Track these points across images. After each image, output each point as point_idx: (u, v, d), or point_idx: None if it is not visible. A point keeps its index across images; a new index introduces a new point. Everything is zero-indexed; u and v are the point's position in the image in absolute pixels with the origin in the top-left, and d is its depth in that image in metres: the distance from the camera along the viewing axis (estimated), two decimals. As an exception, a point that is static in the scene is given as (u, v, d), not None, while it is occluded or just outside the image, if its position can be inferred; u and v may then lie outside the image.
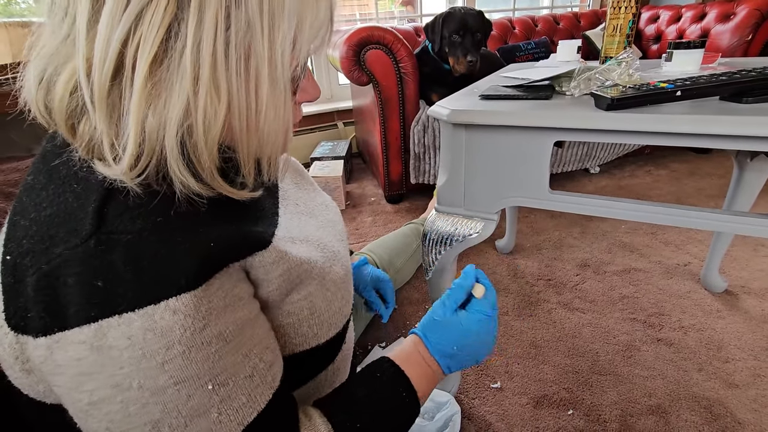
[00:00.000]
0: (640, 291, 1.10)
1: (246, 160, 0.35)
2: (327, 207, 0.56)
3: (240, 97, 0.31)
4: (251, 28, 0.30)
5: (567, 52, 0.92)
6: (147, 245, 0.29)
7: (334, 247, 0.47)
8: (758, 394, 0.79)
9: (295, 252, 0.40)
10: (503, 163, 0.57)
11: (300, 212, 0.49)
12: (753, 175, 0.92)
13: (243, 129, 0.33)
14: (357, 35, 1.39)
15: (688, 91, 0.46)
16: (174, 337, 0.29)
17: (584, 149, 1.66)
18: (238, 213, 0.38)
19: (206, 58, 0.29)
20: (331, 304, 0.44)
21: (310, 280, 0.41)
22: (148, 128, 0.30)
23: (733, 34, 1.76)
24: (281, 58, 0.32)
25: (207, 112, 0.30)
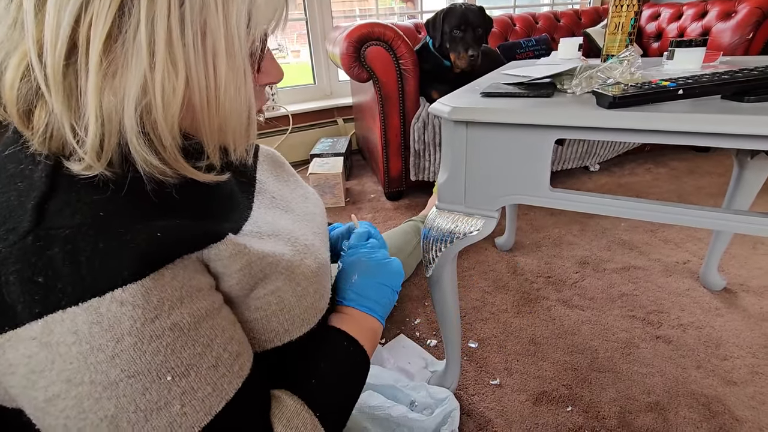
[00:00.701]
0: (640, 288, 1.10)
1: (209, 140, 0.35)
2: (307, 199, 0.56)
3: (198, 72, 0.31)
4: (206, 4, 0.30)
5: (568, 50, 0.92)
6: (85, 239, 0.28)
7: (307, 241, 0.46)
8: (756, 392, 0.79)
9: (258, 246, 0.39)
10: (504, 160, 0.57)
11: (276, 206, 0.49)
12: (753, 174, 0.92)
13: (204, 106, 0.33)
14: (357, 31, 1.39)
15: (690, 90, 0.46)
16: (123, 329, 0.28)
17: (584, 147, 1.66)
18: (200, 206, 0.38)
19: (161, 34, 0.29)
20: (302, 299, 0.43)
21: (277, 274, 0.40)
22: (105, 107, 0.29)
23: (734, 32, 1.76)
24: (237, 32, 0.32)
25: (165, 88, 0.30)
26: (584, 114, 0.48)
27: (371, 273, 0.54)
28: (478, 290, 1.13)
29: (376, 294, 0.53)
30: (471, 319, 1.03)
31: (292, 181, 0.58)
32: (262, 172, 0.53)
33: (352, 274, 0.54)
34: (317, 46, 2.25)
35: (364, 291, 0.53)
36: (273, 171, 0.55)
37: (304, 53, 2.34)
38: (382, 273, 0.55)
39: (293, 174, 0.60)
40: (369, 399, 0.70)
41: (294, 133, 2.20)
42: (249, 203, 0.46)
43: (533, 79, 0.64)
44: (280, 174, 0.56)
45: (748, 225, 0.46)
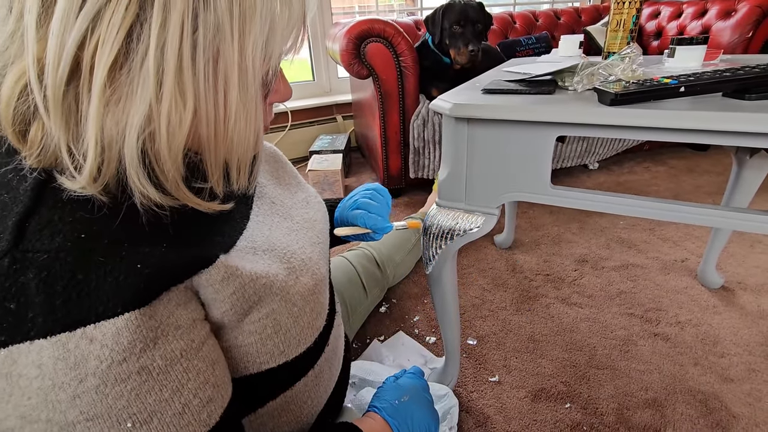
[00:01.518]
0: (638, 286, 1.10)
1: (213, 168, 0.34)
2: (308, 204, 0.53)
3: (208, 102, 0.30)
4: (220, 31, 0.28)
5: (569, 48, 0.92)
6: (63, 266, 0.26)
7: (304, 255, 0.44)
8: (753, 389, 0.80)
9: (251, 267, 0.37)
10: (505, 157, 0.57)
11: (275, 212, 0.47)
12: (752, 173, 0.92)
13: (210, 136, 0.32)
14: (357, 28, 1.38)
15: (691, 87, 0.46)
16: (88, 368, 0.26)
17: (584, 145, 1.66)
18: (191, 227, 0.35)
19: (171, 62, 0.27)
20: (299, 319, 0.41)
21: (272, 296, 0.38)
22: (106, 134, 0.28)
23: (733, 31, 1.76)
24: (252, 62, 0.31)
25: (171, 119, 0.29)
26: (586, 111, 0.48)
27: (423, 404, 0.54)
28: (477, 288, 1.13)
29: (418, 425, 0.51)
30: (470, 317, 1.03)
31: (294, 183, 0.56)
32: (263, 173, 0.52)
33: (405, 394, 0.53)
34: (316, 43, 2.24)
35: (408, 416, 0.51)
36: (274, 172, 0.54)
37: (303, 50, 2.32)
38: (431, 412, 0.55)
39: (295, 175, 0.58)
40: (367, 395, 0.70)
41: (293, 130, 2.19)
42: (247, 211, 0.44)
43: (534, 76, 0.64)
44: (282, 176, 0.55)
45: (747, 222, 0.47)
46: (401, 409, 0.51)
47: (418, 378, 0.58)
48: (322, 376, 0.50)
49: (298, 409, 0.47)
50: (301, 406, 0.47)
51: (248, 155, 0.35)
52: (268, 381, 0.42)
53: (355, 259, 1.01)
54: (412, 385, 0.55)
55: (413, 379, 0.57)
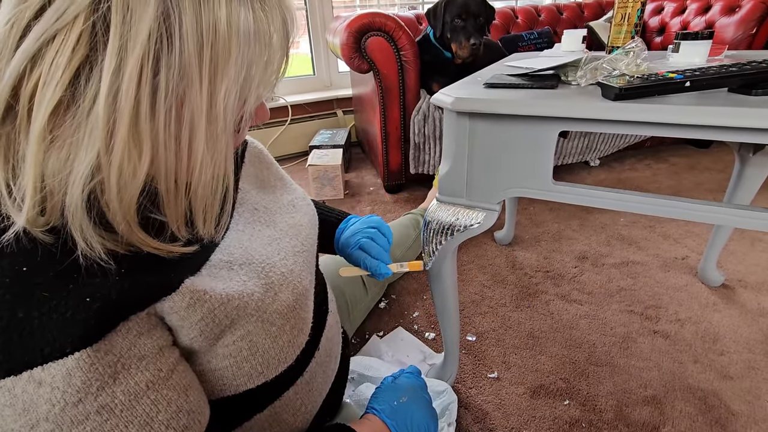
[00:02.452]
0: (638, 283, 1.10)
1: (173, 218, 0.31)
2: (294, 207, 0.51)
3: (168, 153, 0.27)
4: (186, 76, 0.25)
5: (572, 42, 0.91)
6: (3, 305, 0.24)
7: (285, 267, 0.41)
8: (752, 386, 0.80)
9: (223, 287, 0.34)
10: (507, 152, 0.56)
11: (256, 220, 0.44)
12: (754, 170, 0.91)
13: (170, 188, 0.29)
14: (358, 21, 1.37)
15: (697, 82, 0.46)
16: (39, 413, 0.25)
17: (585, 142, 1.66)
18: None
19: (125, 110, 0.24)
20: (278, 339, 0.39)
21: (246, 318, 0.36)
22: (48, 181, 0.25)
23: (737, 27, 1.75)
24: (224, 110, 0.28)
25: (123, 170, 0.25)
26: (589, 106, 0.47)
27: (421, 404, 0.53)
28: (476, 284, 1.13)
29: (417, 426, 0.51)
30: (469, 313, 1.03)
31: (279, 186, 0.53)
32: (246, 177, 0.49)
33: (403, 395, 0.52)
34: (317, 37, 2.22)
35: (407, 417, 0.50)
36: (258, 174, 0.51)
37: (303, 44, 2.31)
38: (430, 412, 0.54)
39: (281, 177, 0.55)
40: (366, 391, 0.70)
41: (293, 125, 2.18)
42: (227, 222, 0.41)
43: (537, 71, 0.63)
44: (266, 178, 0.51)
45: (749, 220, 0.46)
46: (400, 410, 0.50)
47: (416, 377, 0.58)
48: (315, 380, 0.49)
49: (291, 417, 0.46)
50: (294, 414, 0.46)
51: (215, 204, 0.32)
52: (248, 401, 0.40)
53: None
54: (410, 385, 0.55)
55: (411, 378, 0.56)
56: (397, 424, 0.49)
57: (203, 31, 0.25)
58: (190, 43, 0.25)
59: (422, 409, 0.53)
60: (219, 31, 0.26)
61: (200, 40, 0.25)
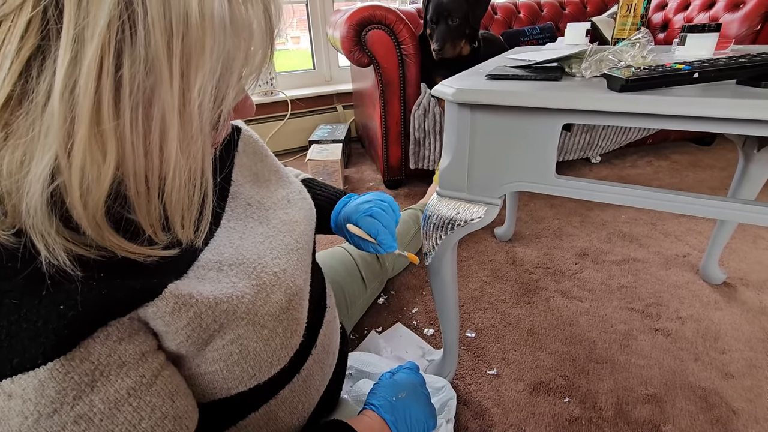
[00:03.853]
0: (639, 281, 1.09)
1: (147, 225, 0.28)
2: (289, 203, 0.48)
3: (137, 156, 0.24)
4: (154, 70, 0.23)
5: (575, 36, 0.89)
6: None
7: (277, 267, 0.40)
8: (753, 385, 0.79)
9: (211, 290, 0.33)
10: (509, 145, 0.55)
11: (249, 216, 0.43)
12: (758, 167, 0.90)
13: (141, 192, 0.26)
14: (359, 14, 1.35)
15: (706, 73, 0.44)
16: (11, 426, 0.23)
17: (586, 138, 1.64)
18: None
19: (84, 106, 0.22)
20: (269, 341, 0.38)
21: (236, 321, 0.34)
22: (4, 184, 0.23)
23: (741, 23, 1.73)
24: (198, 108, 0.25)
25: (86, 173, 0.23)
26: (594, 97, 0.46)
27: (420, 400, 0.52)
28: (476, 280, 1.12)
29: (415, 422, 0.50)
30: (469, 309, 1.02)
31: (274, 179, 0.50)
32: (240, 168, 0.46)
33: (401, 391, 0.51)
34: (317, 31, 2.20)
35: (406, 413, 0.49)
36: (252, 167, 0.48)
37: (304, 39, 2.29)
38: (428, 408, 0.53)
39: (276, 169, 0.52)
40: (364, 387, 0.69)
41: (292, 119, 2.17)
42: (217, 216, 0.40)
43: (541, 62, 0.62)
44: (261, 171, 0.49)
45: (754, 215, 0.45)
46: (398, 406, 0.50)
47: (414, 373, 0.57)
48: (313, 378, 0.48)
49: (288, 415, 0.45)
50: (290, 412, 0.45)
51: (192, 209, 0.29)
52: (241, 402, 0.39)
53: (354, 251, 0.99)
54: (408, 381, 0.54)
55: (409, 374, 0.56)
56: (396, 420, 0.48)
57: (172, 20, 0.23)
58: (156, 33, 0.22)
59: (421, 405, 0.52)
60: (190, 20, 0.23)
61: (169, 29, 0.23)
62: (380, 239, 0.57)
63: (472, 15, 1.40)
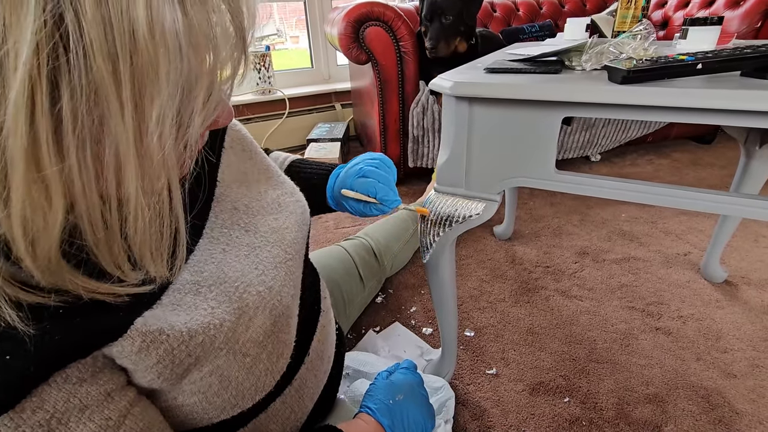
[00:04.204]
0: (640, 280, 1.08)
1: (112, 269, 0.25)
2: (279, 206, 0.45)
3: (90, 199, 0.22)
4: (100, 101, 0.20)
5: (575, 31, 0.88)
6: None
7: (263, 285, 0.37)
8: (756, 385, 0.78)
9: (186, 320, 0.30)
10: (508, 140, 0.54)
11: (235, 223, 0.39)
12: (760, 164, 0.89)
13: (99, 238, 0.23)
14: (356, 11, 1.34)
15: (709, 64, 0.43)
16: None
17: (586, 136, 1.63)
18: None
19: (16, 150, 0.19)
20: (253, 368, 0.35)
21: (214, 352, 0.32)
22: None
23: (742, 20, 1.72)
24: (159, 141, 0.22)
25: (29, 223, 0.21)
26: (595, 89, 0.45)
27: (418, 402, 0.51)
28: (475, 279, 1.11)
29: (414, 424, 0.48)
30: (468, 308, 1.01)
31: (264, 179, 0.46)
32: (227, 167, 0.42)
33: (399, 393, 0.50)
34: (315, 29, 2.19)
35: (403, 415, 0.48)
36: (241, 165, 0.44)
37: (303, 39, 2.28)
38: (426, 409, 0.52)
39: (266, 168, 0.48)
40: (361, 387, 0.68)
41: (290, 118, 2.15)
42: (201, 223, 0.36)
43: (540, 55, 0.61)
44: (250, 169, 0.45)
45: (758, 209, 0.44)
46: (395, 409, 0.48)
47: (412, 373, 0.55)
48: (306, 386, 0.46)
49: (279, 426, 0.43)
50: (282, 423, 0.43)
51: (163, 247, 0.26)
52: (225, 427, 0.36)
53: (352, 250, 0.98)
54: (406, 382, 0.52)
55: (407, 374, 0.54)
56: (392, 424, 0.47)
57: (116, 41, 0.19)
58: (98, 58, 0.19)
59: (418, 407, 0.51)
60: (138, 40, 0.20)
61: (113, 52, 0.19)
62: (380, 197, 0.53)
63: (466, 12, 1.38)
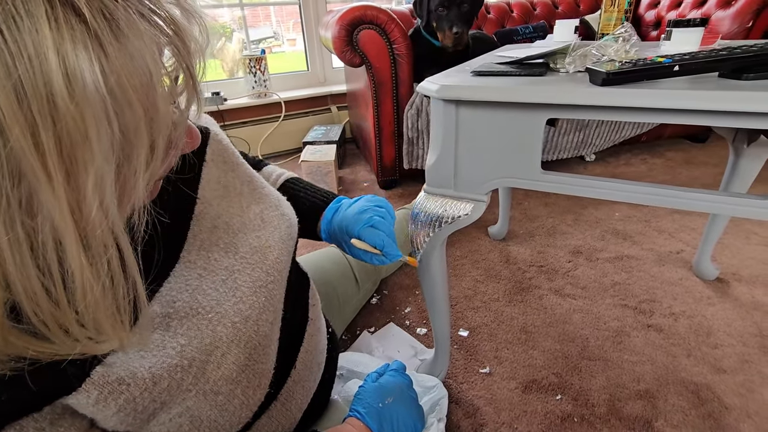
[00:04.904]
0: (632, 278, 1.09)
1: (66, 350, 0.23)
2: (263, 222, 0.43)
3: (27, 276, 0.20)
4: (25, 174, 0.18)
5: (564, 33, 0.90)
6: None
7: (239, 315, 0.35)
8: (745, 380, 0.79)
9: (149, 365, 0.28)
10: (494, 141, 0.55)
11: (215, 243, 0.37)
12: (748, 162, 0.90)
13: (46, 316, 0.21)
14: (350, 14, 1.35)
15: (686, 66, 0.44)
16: None
17: (580, 136, 1.64)
18: None
19: None
20: (227, 406, 0.33)
21: (182, 394, 0.30)
22: None
23: (733, 20, 1.73)
24: (100, 209, 0.20)
25: None
26: (576, 91, 0.46)
27: (407, 405, 0.51)
28: (469, 279, 1.12)
29: (403, 427, 0.49)
30: (462, 308, 1.01)
31: (247, 192, 0.44)
32: (208, 182, 0.39)
33: (388, 396, 0.50)
34: (310, 32, 2.20)
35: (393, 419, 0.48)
36: (222, 178, 0.42)
37: (300, 42, 2.29)
38: (416, 412, 0.52)
39: (249, 180, 0.45)
40: (355, 387, 0.68)
41: (286, 121, 2.16)
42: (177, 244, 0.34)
43: (526, 58, 0.62)
44: (232, 182, 0.42)
45: (744, 207, 0.45)
46: (385, 413, 0.49)
47: (401, 375, 0.56)
48: (293, 399, 0.46)
49: None
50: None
51: (124, 312, 0.24)
52: None
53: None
54: (395, 385, 0.53)
55: (396, 377, 0.54)
56: (381, 427, 0.47)
57: (32, 107, 0.17)
58: (14, 128, 0.17)
59: (408, 410, 0.52)
60: (57, 103, 0.17)
61: (30, 119, 0.17)
62: (386, 251, 0.55)
63: (477, 3, 1.43)
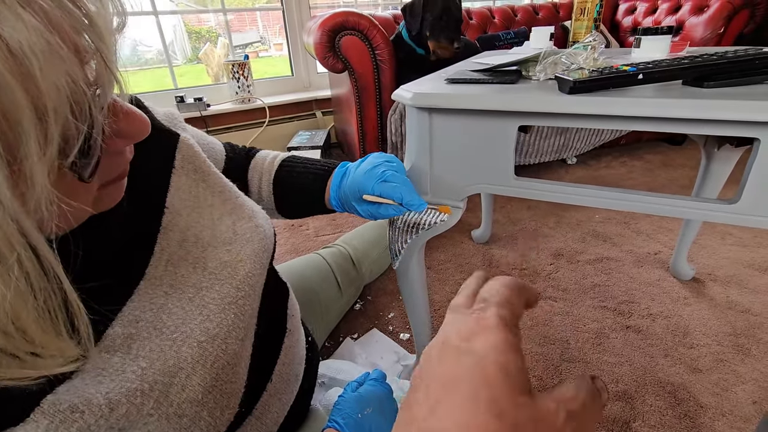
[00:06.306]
0: (612, 279, 1.11)
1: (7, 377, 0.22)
2: (235, 234, 0.41)
3: None
4: None
5: (540, 39, 0.91)
6: None
7: (205, 335, 0.34)
8: (720, 378, 0.81)
9: (106, 391, 0.27)
10: (468, 148, 0.55)
11: (181, 258, 0.36)
12: (719, 165, 0.93)
13: None
14: (331, 20, 1.36)
15: (649, 75, 0.46)
16: None
17: (561, 140, 1.67)
18: None
19: None
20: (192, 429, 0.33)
21: (143, 419, 0.29)
22: None
23: (706, 26, 1.79)
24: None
25: None
26: (545, 99, 0.46)
27: (386, 415, 0.50)
28: (453, 283, 1.12)
29: None
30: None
31: (218, 203, 0.42)
32: (177, 192, 0.38)
33: (367, 406, 0.49)
34: (294, 37, 2.20)
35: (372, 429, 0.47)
36: (193, 189, 0.40)
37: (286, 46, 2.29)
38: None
39: (221, 189, 0.43)
40: (335, 396, 0.68)
41: (271, 126, 2.15)
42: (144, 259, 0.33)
43: (498, 66, 0.63)
44: (203, 193, 0.41)
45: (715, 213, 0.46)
46: (364, 423, 0.48)
47: (380, 384, 0.55)
48: (269, 412, 0.46)
49: None
50: None
51: (59, 327, 0.22)
52: None
53: (330, 258, 0.98)
54: (374, 395, 0.52)
55: (375, 386, 0.54)
56: None
57: None
58: None
59: (387, 420, 0.51)
60: None
61: None
62: (407, 202, 0.52)
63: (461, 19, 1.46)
